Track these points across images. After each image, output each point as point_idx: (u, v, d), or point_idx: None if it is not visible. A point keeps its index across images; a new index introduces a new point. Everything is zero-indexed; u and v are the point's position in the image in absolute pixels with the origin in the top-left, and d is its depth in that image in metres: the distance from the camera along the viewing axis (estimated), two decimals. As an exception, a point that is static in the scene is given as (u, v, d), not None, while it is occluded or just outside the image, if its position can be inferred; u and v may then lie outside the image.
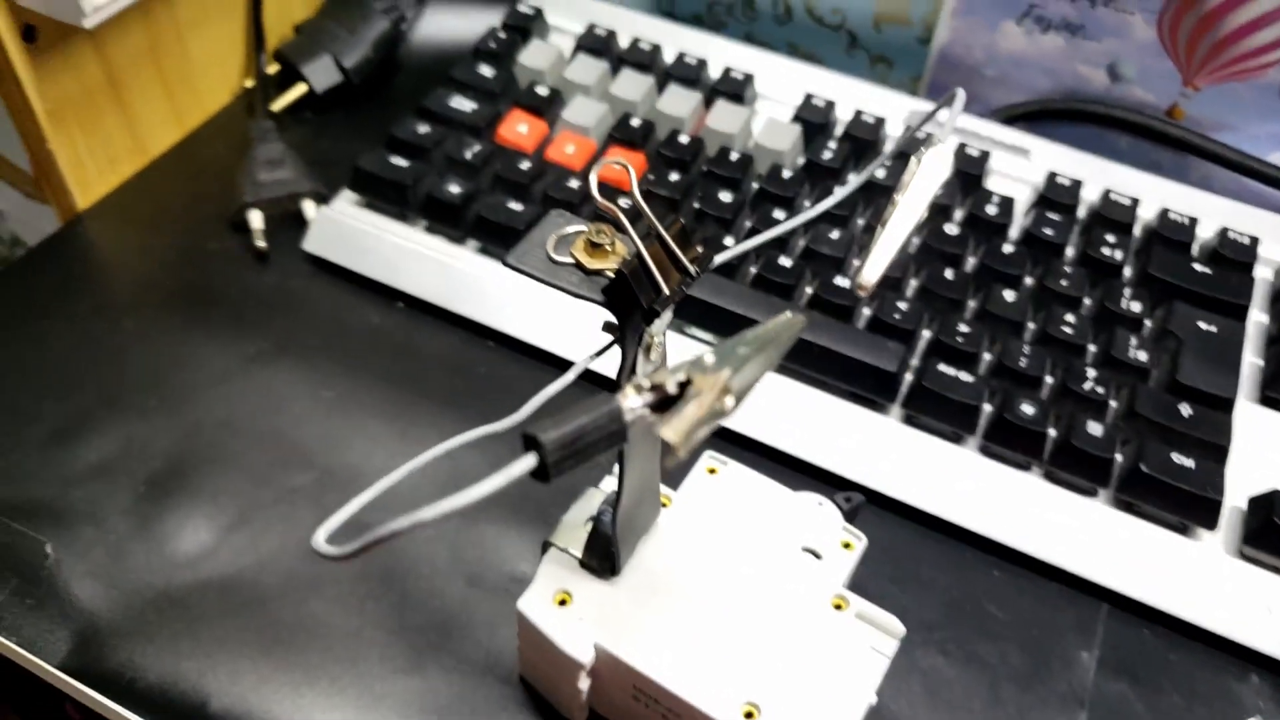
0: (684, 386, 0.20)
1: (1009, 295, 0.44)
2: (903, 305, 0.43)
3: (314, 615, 0.37)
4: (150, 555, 0.38)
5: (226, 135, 0.52)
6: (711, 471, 0.37)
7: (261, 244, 0.47)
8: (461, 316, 0.45)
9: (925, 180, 0.25)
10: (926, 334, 0.44)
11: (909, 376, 0.42)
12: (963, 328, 0.43)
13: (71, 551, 0.38)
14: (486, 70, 0.51)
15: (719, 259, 0.29)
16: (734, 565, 0.34)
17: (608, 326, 0.28)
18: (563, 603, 0.33)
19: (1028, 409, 0.40)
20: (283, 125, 0.52)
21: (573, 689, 0.33)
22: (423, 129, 0.48)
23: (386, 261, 0.46)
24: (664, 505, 0.36)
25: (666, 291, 0.26)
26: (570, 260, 0.27)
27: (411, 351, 0.45)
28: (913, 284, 0.45)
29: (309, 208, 0.48)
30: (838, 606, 0.33)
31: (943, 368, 0.41)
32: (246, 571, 0.38)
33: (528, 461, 0.18)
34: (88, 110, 0.47)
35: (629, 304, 0.26)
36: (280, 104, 0.52)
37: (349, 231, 0.46)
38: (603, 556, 0.33)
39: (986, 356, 0.43)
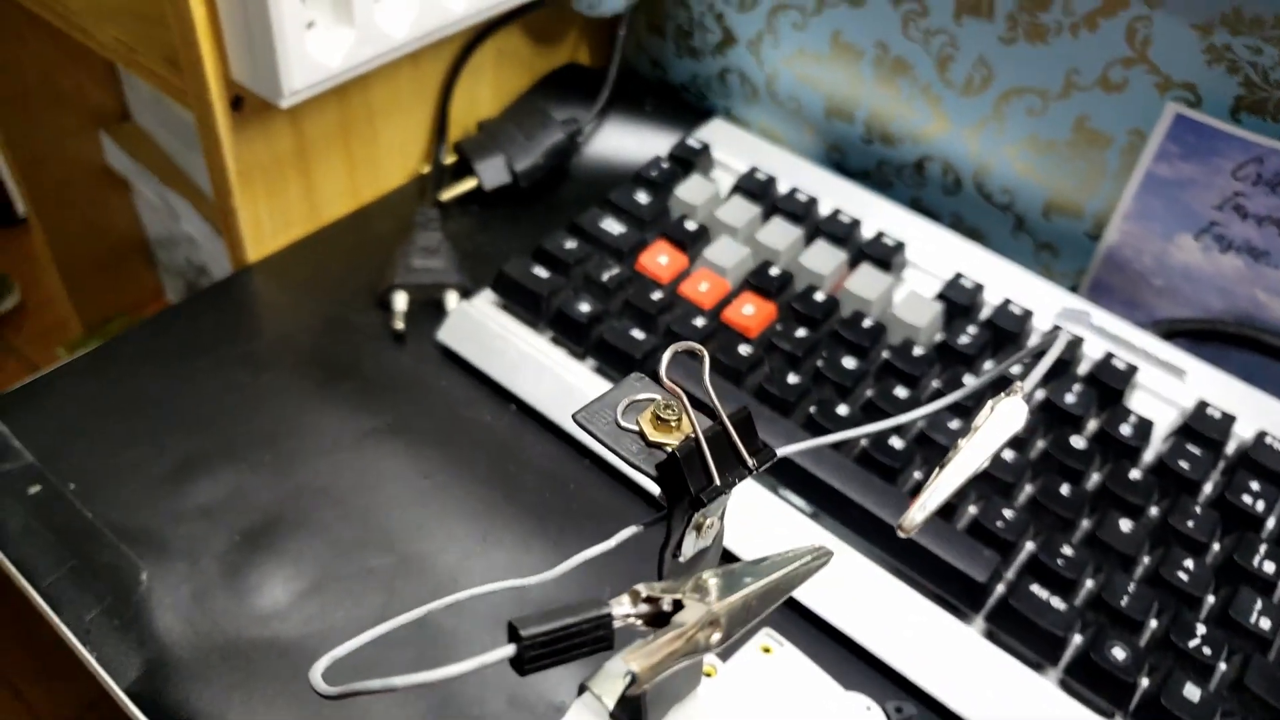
0: (678, 606, 0.19)
1: (1125, 525, 0.41)
2: (1008, 513, 0.41)
3: (361, 707, 0.38)
4: (228, 602, 0.40)
5: (394, 214, 0.56)
6: (766, 650, 0.36)
7: (400, 326, 0.49)
8: (565, 431, 0.46)
9: (994, 431, 0.24)
10: (1029, 547, 0.42)
11: (999, 589, 0.40)
12: (1067, 550, 0.40)
13: (162, 583, 0.40)
14: (642, 197, 0.52)
15: (788, 450, 0.28)
16: (759, 757, 0.33)
17: (662, 498, 0.28)
18: (583, 754, 0.33)
19: (1119, 653, 0.37)
20: (447, 215, 0.55)
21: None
22: (569, 244, 0.50)
23: (509, 364, 0.47)
24: (707, 675, 0.35)
25: (717, 482, 0.26)
26: (635, 428, 0.27)
27: (512, 455, 0.46)
28: (1026, 491, 0.43)
29: (451, 299, 0.50)
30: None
31: (1036, 589, 0.39)
32: (309, 640, 0.39)
33: (506, 651, 0.19)
34: (275, 176, 0.51)
35: (679, 486, 0.26)
36: (448, 194, 0.55)
37: (481, 329, 0.48)
38: (631, 715, 0.33)
39: (1088, 585, 0.40)
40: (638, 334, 0.46)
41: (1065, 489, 0.42)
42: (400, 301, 0.50)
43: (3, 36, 0.66)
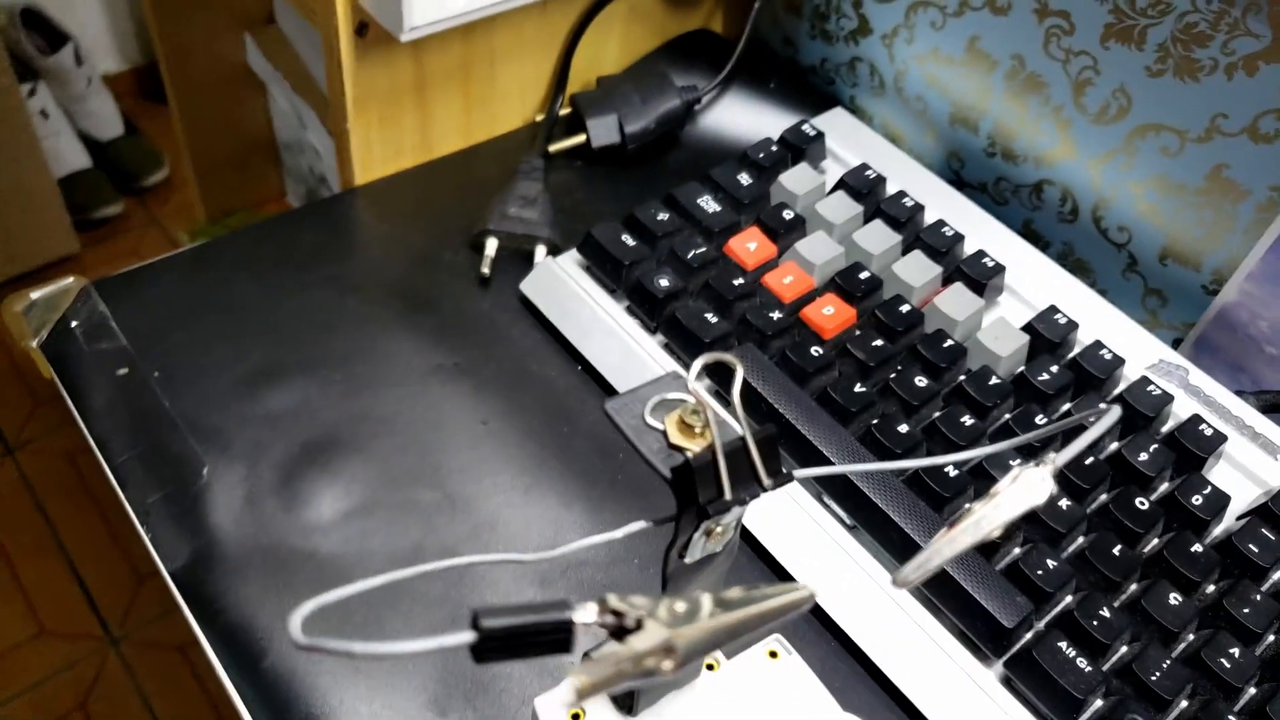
0: (639, 625, 0.20)
1: (1175, 598, 0.40)
2: (1051, 563, 0.40)
3: (385, 621, 0.39)
4: (277, 509, 0.42)
5: (503, 158, 0.56)
6: (772, 655, 0.36)
7: (486, 271, 0.50)
8: (625, 401, 0.46)
9: (1012, 502, 0.24)
10: (1066, 601, 0.40)
11: (1026, 638, 0.39)
12: (1104, 612, 0.39)
13: (221, 480, 0.42)
14: (745, 179, 0.52)
15: (806, 473, 0.28)
16: (742, 762, 0.33)
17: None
18: (575, 716, 0.34)
19: (1138, 729, 0.36)
20: (551, 166, 0.55)
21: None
22: (661, 216, 0.50)
23: (581, 325, 0.48)
24: (709, 668, 0.35)
25: (728, 497, 0.26)
26: (660, 427, 0.28)
27: (570, 415, 0.46)
28: (1078, 544, 0.42)
29: (539, 252, 0.51)
30: None
31: (1063, 645, 0.38)
32: (344, 559, 0.41)
33: (464, 637, 0.19)
34: (391, 105, 0.52)
35: (689, 494, 0.26)
36: (556, 147, 0.56)
37: (562, 287, 0.49)
38: (627, 692, 0.34)
39: (1121, 651, 0.39)
40: (711, 317, 0.46)
41: (1118, 549, 0.41)
42: (490, 247, 0.51)
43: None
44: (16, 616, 1.17)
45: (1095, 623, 0.39)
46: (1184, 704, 0.38)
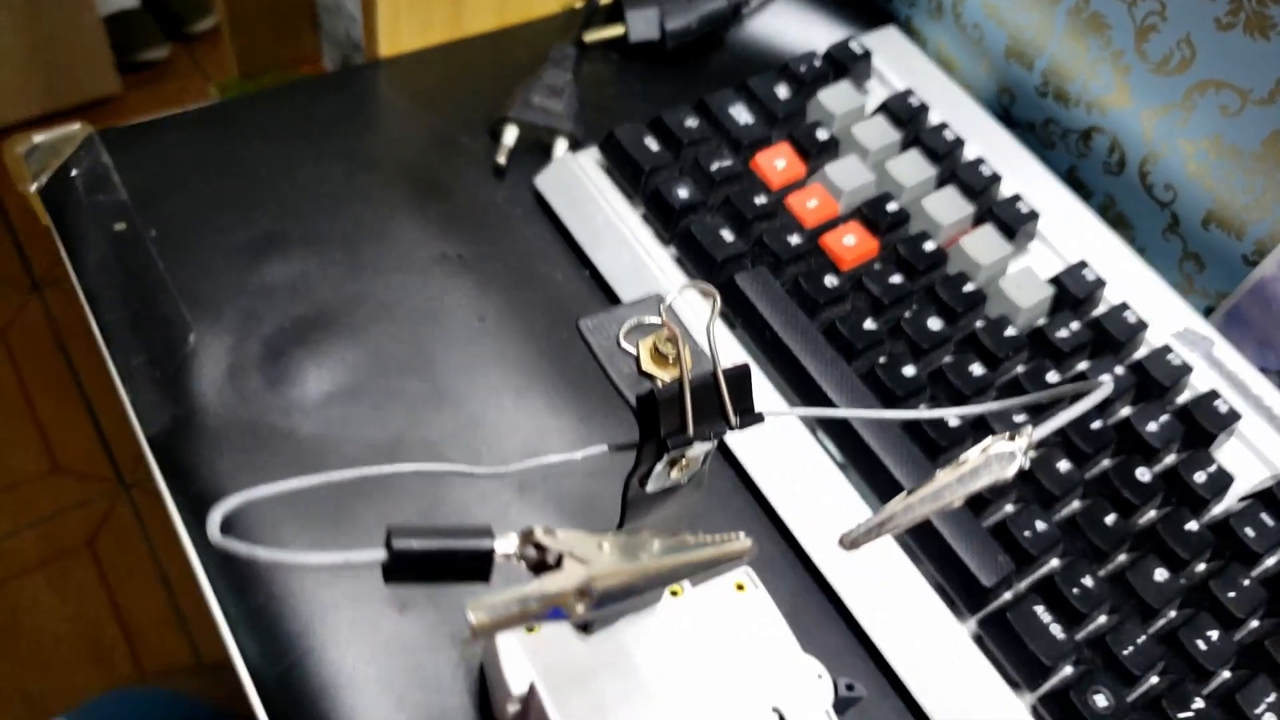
0: (559, 563, 0.19)
1: (1160, 575, 0.39)
2: (1041, 525, 0.39)
3: (357, 513, 0.39)
4: (260, 384, 0.41)
5: (535, 44, 0.54)
6: (739, 588, 0.36)
7: (502, 160, 0.49)
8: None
9: (979, 475, 0.23)
10: (1051, 565, 0.39)
11: (1004, 598, 0.39)
12: (1087, 581, 0.38)
13: (208, 349, 0.42)
14: (782, 91, 0.50)
15: (777, 413, 0.27)
16: (697, 686, 0.33)
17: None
18: (530, 630, 0.33)
19: (1102, 701, 0.36)
20: (584, 57, 0.53)
21: (504, 706, 0.34)
22: (690, 122, 0.48)
23: (594, 229, 0.46)
24: (674, 594, 0.35)
25: (690, 433, 0.25)
26: (634, 353, 0.26)
27: (568, 323, 0.45)
28: (1071, 508, 0.41)
29: (559, 146, 0.49)
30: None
31: (1040, 610, 0.37)
32: (325, 442, 0.40)
33: (375, 554, 0.19)
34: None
35: (651, 425, 0.25)
36: (592, 37, 0.53)
37: (578, 186, 0.47)
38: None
39: (1100, 621, 0.38)
40: (727, 235, 0.44)
41: (1111, 519, 0.40)
42: (509, 136, 0.49)
43: None
44: (32, 451, 1.19)
45: (1076, 590, 0.38)
46: (1153, 680, 0.38)
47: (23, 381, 1.25)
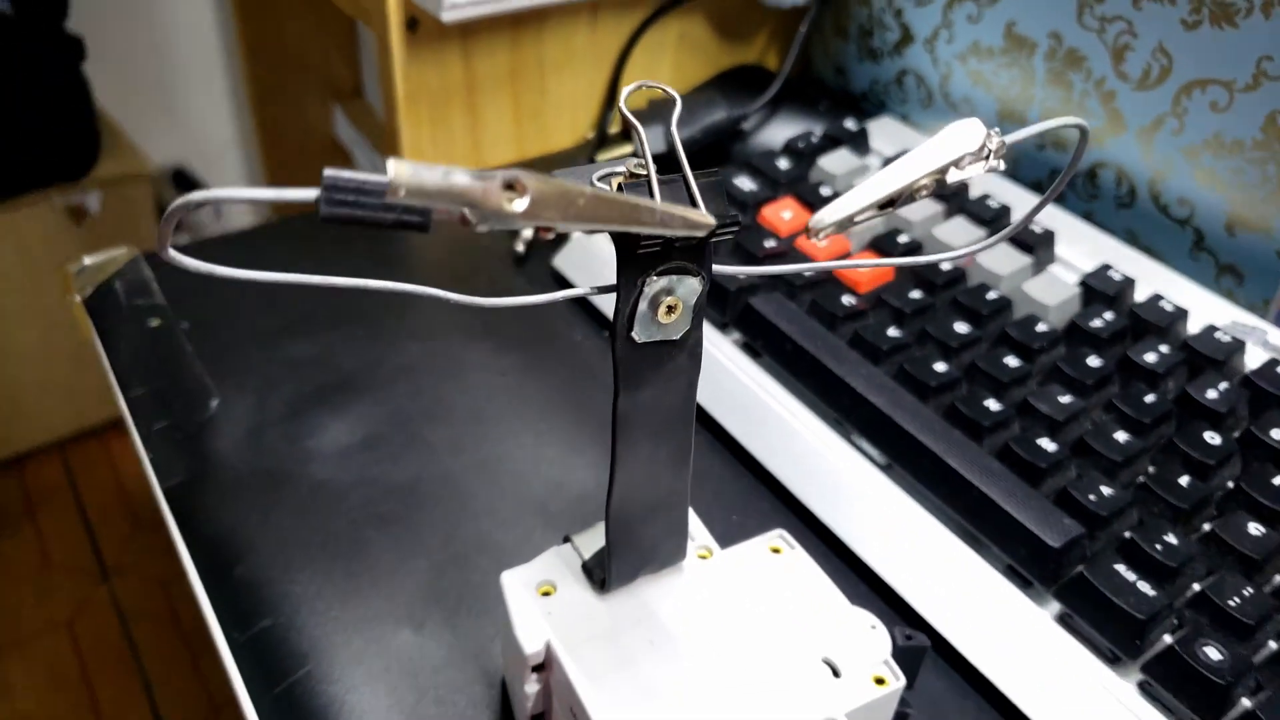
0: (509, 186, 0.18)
1: (1256, 530, 0.35)
2: (1107, 490, 0.36)
3: (369, 541, 0.37)
4: (279, 439, 0.41)
5: (552, 169, 0.57)
6: (775, 551, 0.33)
7: (520, 249, 0.50)
8: (649, 357, 0.45)
9: (940, 145, 0.22)
10: (1125, 534, 0.36)
11: (1079, 568, 0.34)
12: (1171, 538, 0.34)
13: (229, 412, 0.42)
14: (783, 162, 0.51)
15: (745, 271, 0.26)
16: (733, 643, 0.29)
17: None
18: (546, 594, 0.31)
19: (1214, 654, 0.31)
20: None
21: (522, 687, 0.30)
22: (695, 189, 0.49)
23: (607, 298, 0.47)
24: (702, 557, 0.32)
25: (659, 216, 0.24)
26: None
27: (592, 373, 0.45)
28: (1138, 475, 0.37)
29: (575, 238, 0.51)
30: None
31: (1121, 568, 0.33)
32: (341, 484, 0.39)
33: (309, 193, 0.18)
34: (441, 105, 0.54)
35: (624, 237, 0.24)
36: (604, 156, 0.56)
37: (593, 257, 0.48)
38: (598, 564, 0.31)
39: (1194, 587, 0.34)
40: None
41: (1185, 480, 0.36)
42: (527, 231, 0.51)
43: (273, 15, 0.76)
44: (87, 729, 1.15)
45: (1159, 547, 0.34)
46: (1273, 644, 0.33)
47: (86, 674, 1.24)
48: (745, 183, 0.50)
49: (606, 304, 0.47)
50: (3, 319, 1.17)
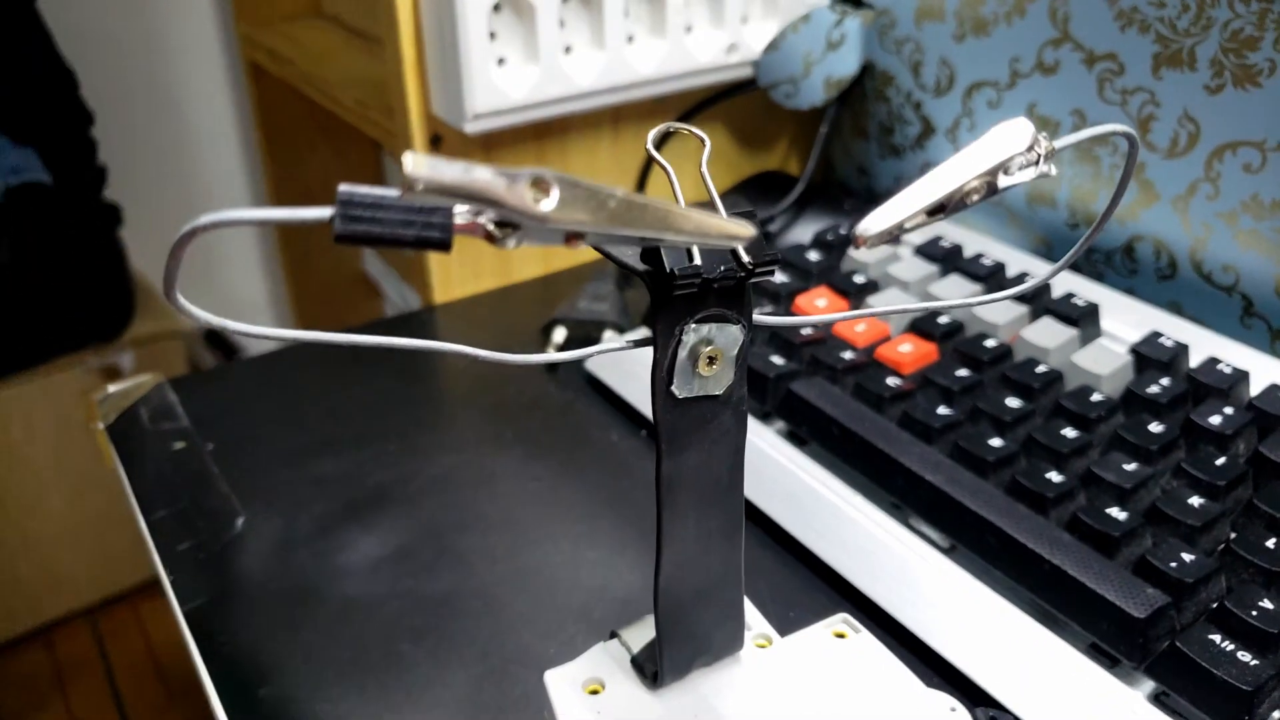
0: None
1: (1358, 589, 0.32)
2: (1188, 556, 0.33)
3: (405, 655, 0.35)
4: (307, 556, 0.39)
5: (579, 284, 0.57)
6: (839, 635, 0.30)
7: (553, 350, 0.49)
8: (688, 453, 0.43)
9: (987, 146, 0.21)
10: (1215, 602, 0.33)
11: (1173, 641, 0.32)
12: (1267, 603, 0.31)
13: (255, 530, 0.40)
14: (814, 255, 0.51)
15: (771, 323, 0.25)
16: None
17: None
18: (593, 692, 0.28)
19: (1336, 725, 0.28)
20: (626, 283, 0.55)
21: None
22: (725, 284, 0.49)
23: (644, 392, 0.46)
24: (760, 646, 0.30)
25: (697, 262, 0.23)
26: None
27: (629, 471, 0.43)
28: (1214, 539, 0.35)
29: (607, 334, 0.50)
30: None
31: (1215, 638, 0.31)
32: (372, 599, 0.37)
33: (323, 213, 0.17)
34: (466, 221, 0.54)
35: (660, 279, 0.23)
36: (629, 260, 0.56)
37: (626, 358, 0.47)
38: (649, 657, 0.28)
39: (1299, 652, 0.31)
40: (776, 359, 0.43)
41: (1272, 542, 0.34)
42: (559, 335, 0.50)
43: (296, 145, 0.78)
44: None
45: (1255, 612, 0.31)
46: (1398, 713, 0.29)
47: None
48: (778, 276, 0.50)
49: (643, 400, 0.46)
50: (35, 481, 1.16)
